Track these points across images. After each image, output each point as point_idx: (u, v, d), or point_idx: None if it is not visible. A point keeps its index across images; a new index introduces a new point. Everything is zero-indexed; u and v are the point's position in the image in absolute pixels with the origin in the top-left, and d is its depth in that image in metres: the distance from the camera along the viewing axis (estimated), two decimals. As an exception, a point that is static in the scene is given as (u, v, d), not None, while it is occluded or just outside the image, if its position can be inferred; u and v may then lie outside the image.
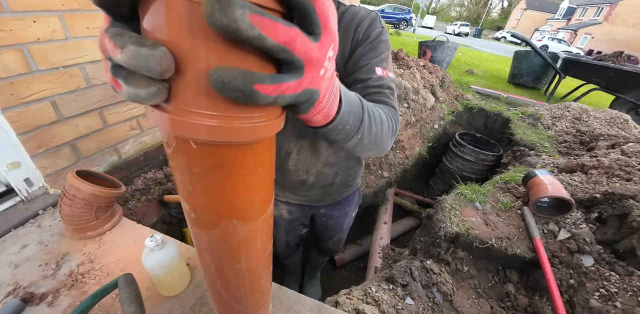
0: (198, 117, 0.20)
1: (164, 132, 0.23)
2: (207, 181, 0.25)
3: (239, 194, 0.27)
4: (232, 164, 0.24)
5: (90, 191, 0.79)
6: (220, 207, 0.27)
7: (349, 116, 0.36)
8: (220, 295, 0.39)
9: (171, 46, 0.17)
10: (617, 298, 1.02)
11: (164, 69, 0.17)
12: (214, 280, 0.37)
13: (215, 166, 0.23)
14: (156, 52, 0.17)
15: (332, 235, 1.17)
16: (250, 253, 0.34)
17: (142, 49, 0.16)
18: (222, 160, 0.23)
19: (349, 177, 0.90)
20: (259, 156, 0.25)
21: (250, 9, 0.15)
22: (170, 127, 0.20)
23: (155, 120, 0.21)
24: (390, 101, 0.57)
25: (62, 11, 0.90)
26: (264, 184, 0.28)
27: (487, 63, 8.17)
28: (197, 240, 0.32)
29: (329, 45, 0.22)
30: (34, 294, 0.69)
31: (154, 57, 0.17)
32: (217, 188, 0.25)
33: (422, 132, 2.63)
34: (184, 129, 0.20)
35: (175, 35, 0.17)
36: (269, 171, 0.28)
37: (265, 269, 0.40)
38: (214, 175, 0.24)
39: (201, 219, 0.29)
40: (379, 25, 0.61)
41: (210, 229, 0.29)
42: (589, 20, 24.51)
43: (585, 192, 1.37)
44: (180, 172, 0.25)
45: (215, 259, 0.33)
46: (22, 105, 0.87)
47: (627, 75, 4.16)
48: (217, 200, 0.26)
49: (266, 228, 0.33)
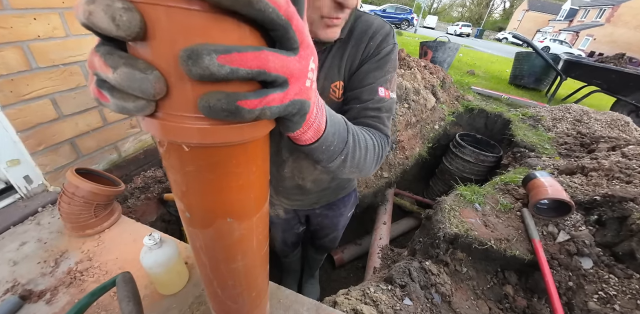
0: (188, 120, 0.20)
1: (156, 136, 0.23)
2: (201, 180, 0.25)
3: (233, 193, 0.27)
4: (225, 163, 0.24)
5: (90, 189, 0.79)
6: (214, 206, 0.27)
7: (333, 137, 0.37)
8: (217, 294, 0.39)
9: (162, 71, 0.18)
10: (616, 301, 1.02)
11: (157, 92, 0.18)
12: (211, 279, 0.37)
13: (208, 165, 0.24)
14: (150, 77, 0.17)
15: (327, 233, 1.18)
16: (246, 252, 0.34)
17: (136, 71, 0.17)
18: (214, 159, 0.23)
19: (344, 181, 0.90)
20: (252, 155, 0.26)
21: (216, 52, 0.17)
22: (162, 133, 0.21)
23: (146, 126, 0.22)
24: (384, 127, 0.57)
25: (62, 9, 0.90)
26: (258, 183, 0.28)
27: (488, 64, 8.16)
28: (193, 239, 0.32)
29: (308, 58, 0.23)
30: (32, 291, 0.69)
31: (148, 81, 0.17)
32: (211, 187, 0.25)
33: (422, 132, 2.63)
34: (175, 134, 0.21)
35: (163, 70, 0.18)
36: (263, 169, 0.28)
37: (261, 268, 0.40)
38: (207, 174, 0.24)
39: (196, 218, 0.29)
40: (391, 42, 0.59)
41: (205, 228, 0.29)
42: (591, 22, 24.48)
43: (585, 195, 1.37)
44: (173, 172, 0.25)
45: (211, 258, 0.33)
46: (22, 102, 0.87)
47: (629, 78, 4.16)
48: (211, 199, 0.27)
49: (262, 227, 0.33)
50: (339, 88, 0.61)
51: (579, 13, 27.71)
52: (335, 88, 0.61)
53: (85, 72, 1.00)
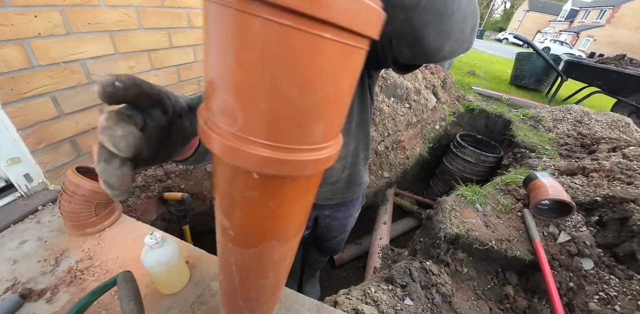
0: (263, 148, 0.18)
1: (224, 159, 0.21)
2: (259, 206, 0.24)
3: (287, 220, 0.26)
4: (287, 192, 0.23)
5: (90, 188, 0.78)
6: (264, 230, 0.26)
7: None
8: (237, 304, 0.39)
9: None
10: (616, 302, 1.02)
11: (120, 185, 0.23)
12: (235, 292, 0.36)
13: (271, 193, 0.22)
14: (118, 172, 0.22)
15: (335, 235, 1.17)
16: (279, 270, 0.34)
17: (109, 167, 0.22)
18: (279, 188, 0.22)
19: (356, 174, 0.88)
20: (313, 184, 0.25)
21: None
22: (231, 158, 0.19)
23: (216, 149, 0.20)
24: None
25: (63, 6, 0.89)
26: (306, 210, 0.28)
27: (488, 64, 8.16)
28: (228, 255, 0.31)
29: None
30: (32, 290, 0.69)
31: (115, 175, 0.22)
32: (268, 214, 0.24)
33: (423, 132, 2.63)
34: (247, 161, 0.19)
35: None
36: (314, 193, 0.27)
37: (285, 282, 0.40)
38: (268, 202, 0.23)
39: (240, 238, 0.28)
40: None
41: (247, 248, 0.28)
42: (591, 23, 24.48)
43: (586, 196, 1.37)
44: (229, 194, 0.24)
45: (243, 275, 0.33)
46: (22, 100, 0.86)
47: (629, 79, 4.16)
48: (265, 225, 0.26)
49: (296, 246, 0.33)
50: None
51: (580, 14, 27.71)
52: None
53: (86, 71, 1.00)
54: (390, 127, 2.23)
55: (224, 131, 0.19)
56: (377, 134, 2.15)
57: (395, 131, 2.29)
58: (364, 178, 0.93)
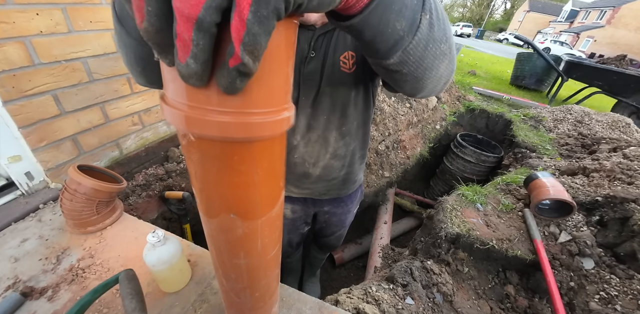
0: (206, 112, 0.21)
1: (178, 129, 0.24)
2: (205, 169, 0.26)
3: (234, 189, 0.27)
4: (226, 158, 0.25)
5: (92, 186, 0.78)
6: (216, 197, 0.29)
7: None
8: (222, 283, 0.42)
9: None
10: (617, 301, 1.02)
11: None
12: (217, 267, 0.39)
13: (211, 157, 0.25)
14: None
15: (334, 231, 1.17)
16: (250, 252, 0.34)
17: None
18: (216, 152, 0.24)
19: (352, 173, 0.89)
20: (257, 156, 0.26)
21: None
22: (185, 125, 0.22)
23: (169, 117, 0.23)
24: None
25: (65, 4, 0.89)
26: (264, 186, 0.29)
27: (489, 64, 8.16)
28: (204, 225, 0.33)
29: None
30: (33, 288, 0.69)
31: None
32: (213, 178, 0.27)
33: (423, 132, 2.63)
34: (195, 126, 0.22)
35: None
36: (270, 174, 0.29)
37: (266, 271, 0.40)
38: (211, 165, 0.25)
39: (202, 206, 0.30)
40: None
41: (210, 218, 0.31)
42: (591, 24, 24.48)
43: (587, 195, 1.37)
44: (185, 156, 0.27)
45: (217, 249, 0.35)
46: (23, 98, 0.86)
47: (630, 79, 4.16)
48: (213, 190, 0.28)
49: (268, 230, 0.34)
50: (348, 59, 0.61)
51: (580, 14, 27.71)
52: (345, 59, 0.61)
53: (87, 69, 1.00)
54: (391, 127, 2.23)
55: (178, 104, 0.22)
56: (378, 134, 2.15)
57: (396, 130, 2.29)
58: (359, 176, 0.95)
